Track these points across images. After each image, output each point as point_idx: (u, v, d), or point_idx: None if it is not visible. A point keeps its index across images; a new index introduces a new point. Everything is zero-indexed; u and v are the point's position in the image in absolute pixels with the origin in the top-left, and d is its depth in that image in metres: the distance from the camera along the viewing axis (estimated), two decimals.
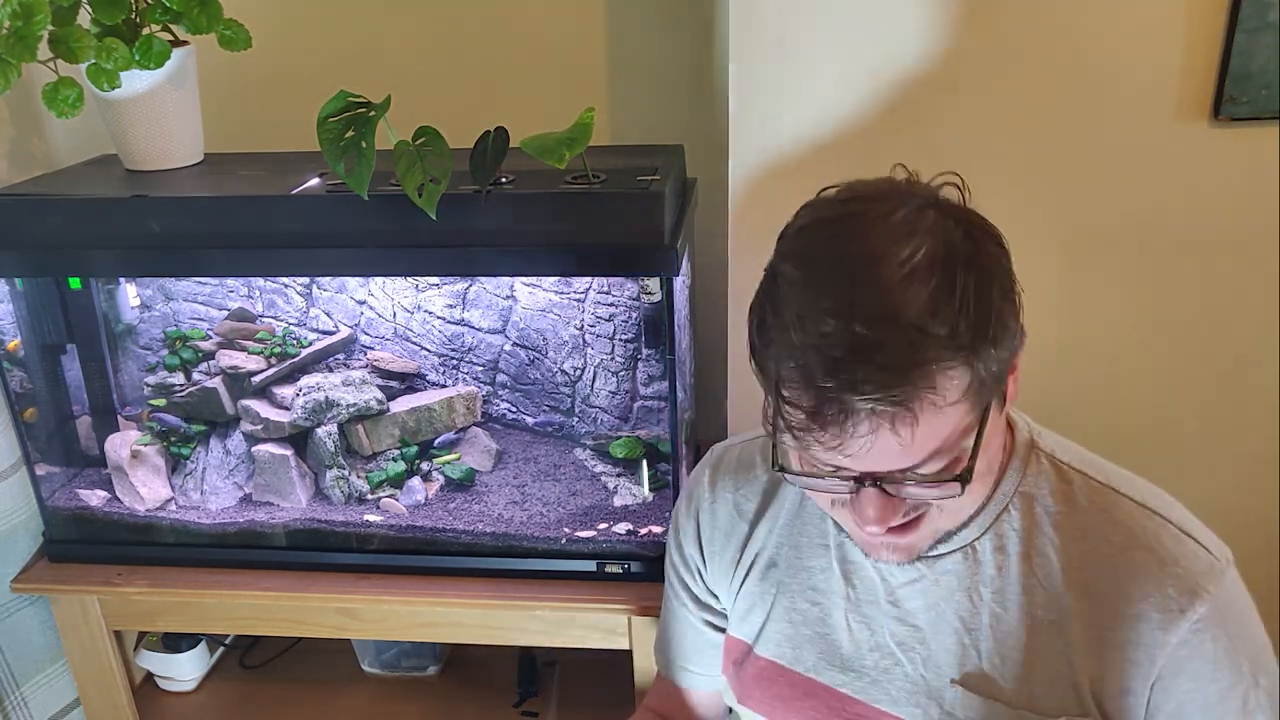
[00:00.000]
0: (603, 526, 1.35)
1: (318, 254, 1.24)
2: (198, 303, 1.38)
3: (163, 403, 1.40)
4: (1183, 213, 1.23)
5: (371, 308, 1.35)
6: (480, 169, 1.17)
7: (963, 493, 0.73)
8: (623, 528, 1.34)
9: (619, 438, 1.35)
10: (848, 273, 0.70)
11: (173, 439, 1.42)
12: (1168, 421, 1.33)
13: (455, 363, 1.37)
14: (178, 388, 1.40)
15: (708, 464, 1.03)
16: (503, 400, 1.39)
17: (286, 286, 1.35)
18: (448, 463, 1.39)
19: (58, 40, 1.18)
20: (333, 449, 1.39)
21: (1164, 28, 1.14)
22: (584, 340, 1.32)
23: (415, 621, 1.37)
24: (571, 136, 1.14)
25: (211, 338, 1.38)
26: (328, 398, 1.37)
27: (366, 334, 1.37)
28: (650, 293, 1.23)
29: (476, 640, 1.38)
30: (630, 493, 1.35)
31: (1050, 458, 0.87)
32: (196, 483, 1.43)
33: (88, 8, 1.22)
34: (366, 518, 1.40)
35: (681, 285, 1.29)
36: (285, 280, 1.35)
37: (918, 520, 0.79)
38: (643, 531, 1.34)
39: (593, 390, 1.34)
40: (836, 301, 0.69)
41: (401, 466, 1.39)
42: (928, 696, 0.87)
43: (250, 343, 1.38)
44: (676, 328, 1.25)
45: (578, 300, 1.29)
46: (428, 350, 1.37)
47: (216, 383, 1.39)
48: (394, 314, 1.35)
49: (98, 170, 1.43)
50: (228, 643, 1.69)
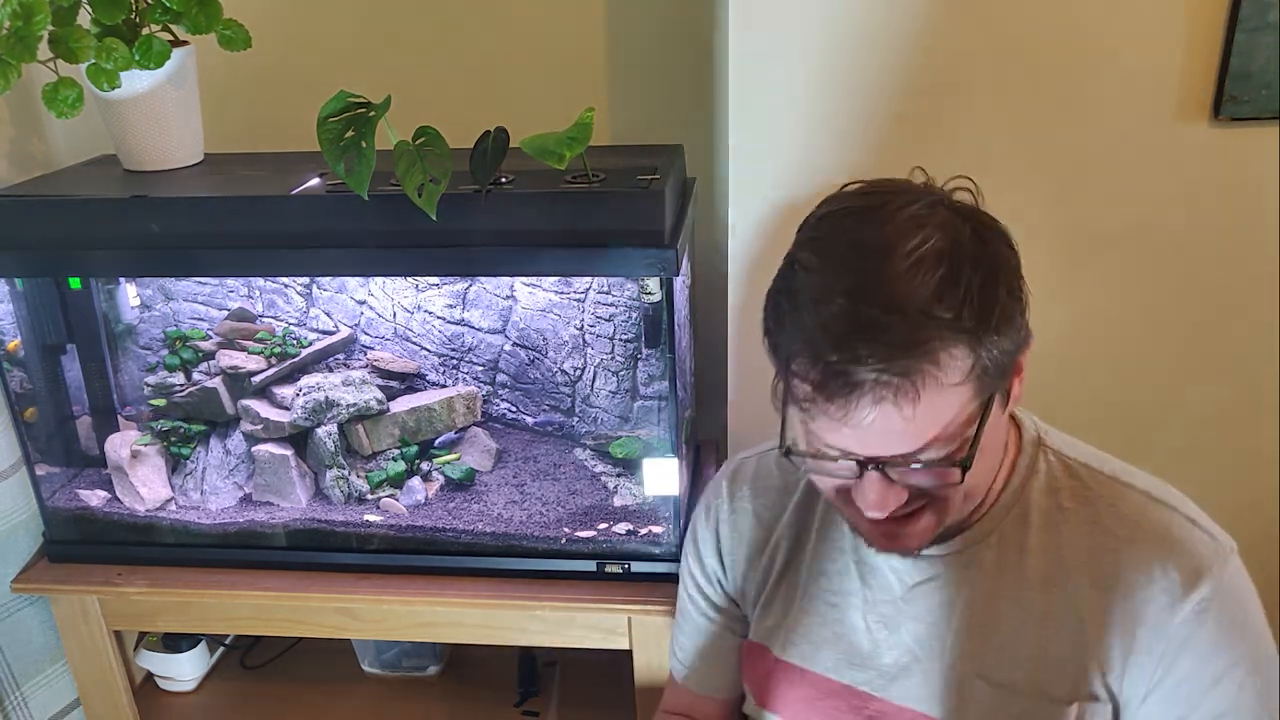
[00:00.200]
0: (603, 526, 1.35)
1: (318, 254, 1.24)
2: (198, 303, 1.38)
3: (163, 403, 1.40)
4: (1183, 213, 1.23)
5: (371, 308, 1.35)
6: (480, 169, 1.17)
7: (962, 480, 0.75)
8: (623, 528, 1.34)
9: (619, 438, 1.35)
10: (859, 259, 0.73)
11: (172, 438, 1.42)
12: (1167, 421, 1.33)
13: (455, 363, 1.37)
14: (178, 388, 1.40)
15: (725, 475, 1.06)
16: (503, 400, 1.39)
17: (286, 286, 1.35)
18: (448, 463, 1.39)
19: (58, 40, 1.18)
20: (333, 449, 1.39)
21: (1164, 28, 1.14)
22: (584, 340, 1.32)
23: (415, 621, 1.37)
24: (571, 136, 1.14)
25: (211, 338, 1.38)
26: (328, 398, 1.37)
27: (366, 334, 1.37)
28: (650, 293, 1.23)
29: (476, 640, 1.38)
30: (630, 493, 1.35)
31: (1058, 454, 0.89)
32: (196, 483, 1.43)
33: (88, 8, 1.22)
34: (366, 518, 1.40)
35: (681, 285, 1.29)
36: (285, 280, 1.35)
37: (919, 512, 0.80)
38: (643, 531, 1.34)
39: (593, 390, 1.34)
40: (847, 285, 0.72)
41: (401, 466, 1.39)
42: (945, 690, 0.89)
43: (250, 343, 1.38)
44: (676, 328, 1.25)
45: (578, 300, 1.29)
46: (428, 350, 1.37)
47: (216, 383, 1.39)
48: (394, 314, 1.35)
49: (98, 170, 1.43)
50: (228, 643, 1.69)
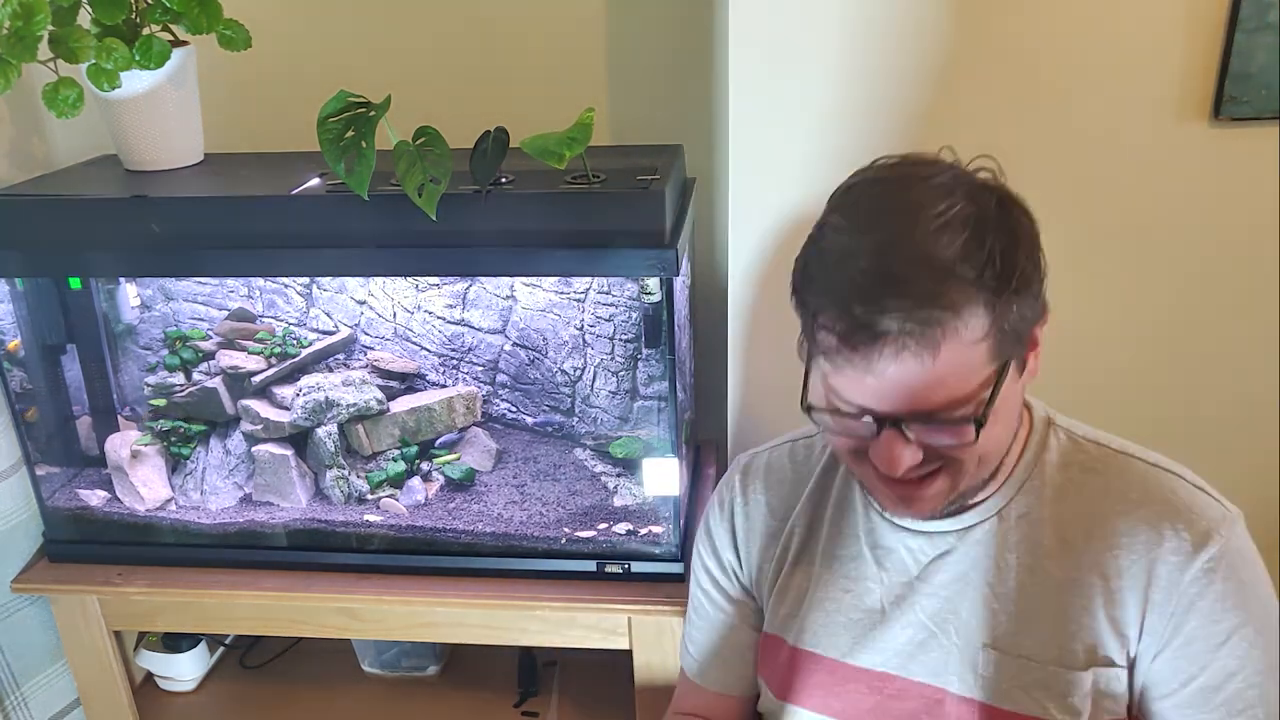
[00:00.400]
0: (603, 526, 1.35)
1: (318, 254, 1.24)
2: (198, 303, 1.38)
3: (163, 403, 1.40)
4: (1183, 213, 1.23)
5: (371, 308, 1.35)
6: (480, 169, 1.17)
7: (976, 440, 0.77)
8: (623, 528, 1.34)
9: (619, 438, 1.35)
10: (887, 220, 0.77)
11: (172, 438, 1.42)
12: (1166, 420, 1.33)
13: (455, 363, 1.37)
14: (178, 388, 1.40)
15: (737, 470, 1.08)
16: (503, 400, 1.39)
17: (286, 286, 1.35)
18: (448, 463, 1.39)
19: (58, 40, 1.18)
20: (333, 449, 1.39)
21: (1164, 28, 1.14)
22: (584, 340, 1.32)
23: (415, 621, 1.37)
24: (572, 136, 1.14)
25: (211, 338, 1.38)
26: (328, 398, 1.37)
27: (366, 334, 1.37)
28: (650, 293, 1.23)
29: (477, 640, 1.38)
30: (630, 493, 1.35)
31: (1067, 431, 0.93)
32: (196, 483, 1.43)
33: (88, 8, 1.22)
34: (366, 518, 1.40)
35: (681, 285, 1.29)
36: (285, 280, 1.35)
37: (933, 475, 0.83)
38: (643, 532, 1.34)
39: (593, 390, 1.34)
40: (875, 242, 0.76)
41: (401, 466, 1.39)
42: (962, 663, 0.91)
43: (250, 343, 1.38)
44: (676, 328, 1.25)
45: (578, 300, 1.29)
46: (428, 350, 1.37)
47: (216, 383, 1.39)
48: (394, 314, 1.35)
49: (98, 170, 1.43)
50: (228, 643, 1.69)
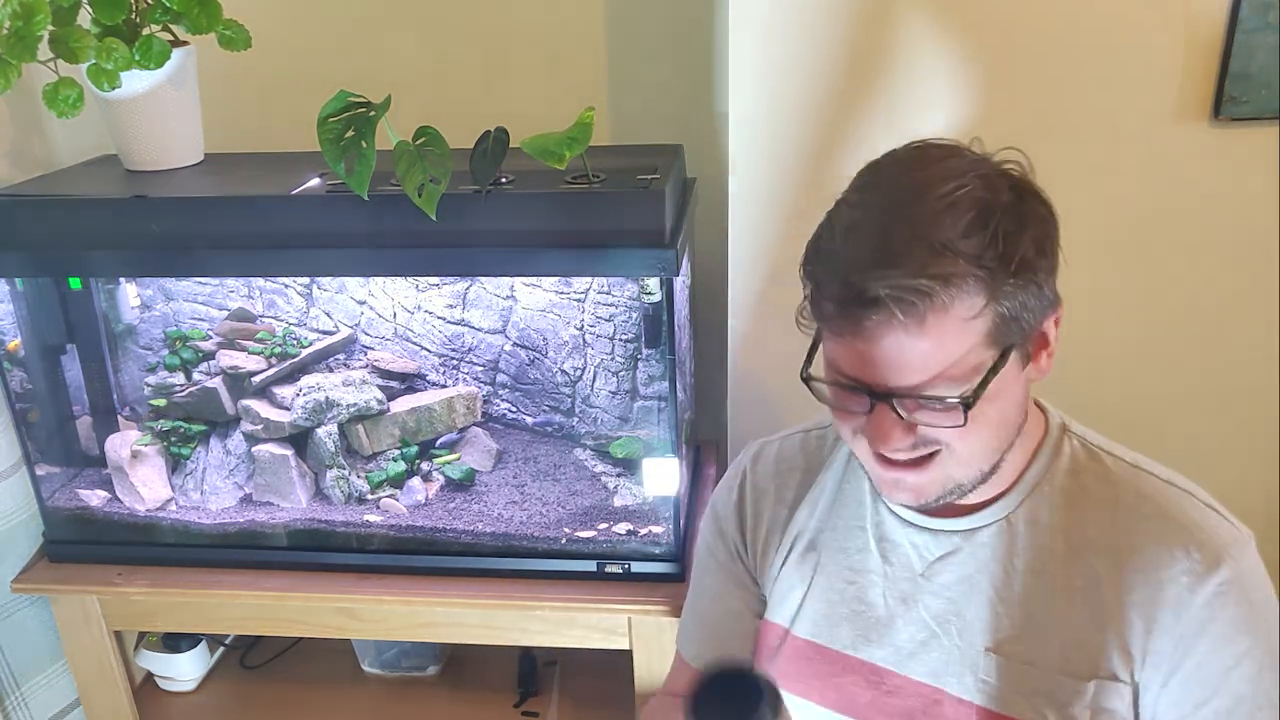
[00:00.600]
0: (603, 526, 1.35)
1: (318, 254, 1.24)
2: (198, 303, 1.38)
3: (163, 403, 1.40)
4: (1183, 213, 1.23)
5: (371, 308, 1.35)
6: (480, 169, 1.17)
7: (964, 423, 0.78)
8: (623, 528, 1.34)
9: (619, 438, 1.35)
10: (896, 199, 0.78)
11: (172, 438, 1.42)
12: (1166, 420, 1.33)
13: (455, 363, 1.37)
14: (178, 388, 1.40)
15: (747, 457, 1.08)
16: (503, 400, 1.39)
17: (286, 286, 1.35)
18: (448, 463, 1.39)
19: (58, 40, 1.18)
20: (333, 449, 1.39)
21: (1164, 28, 1.14)
22: (584, 340, 1.32)
23: (415, 621, 1.37)
24: (572, 136, 1.14)
25: (211, 338, 1.38)
26: (328, 398, 1.37)
27: (366, 334, 1.37)
28: (650, 293, 1.23)
29: (477, 640, 1.38)
30: (630, 493, 1.35)
31: (1082, 440, 0.92)
32: (197, 483, 1.43)
33: (88, 8, 1.22)
34: (366, 518, 1.40)
35: (681, 285, 1.29)
36: (285, 280, 1.35)
37: (927, 461, 0.83)
38: (643, 532, 1.34)
39: (593, 390, 1.34)
40: (880, 217, 0.78)
41: (401, 466, 1.39)
42: (963, 666, 0.90)
43: (250, 343, 1.38)
44: (676, 328, 1.25)
45: (578, 300, 1.29)
46: (428, 350, 1.37)
47: (217, 383, 1.39)
48: (394, 314, 1.35)
49: (98, 170, 1.43)
50: (228, 643, 1.69)
